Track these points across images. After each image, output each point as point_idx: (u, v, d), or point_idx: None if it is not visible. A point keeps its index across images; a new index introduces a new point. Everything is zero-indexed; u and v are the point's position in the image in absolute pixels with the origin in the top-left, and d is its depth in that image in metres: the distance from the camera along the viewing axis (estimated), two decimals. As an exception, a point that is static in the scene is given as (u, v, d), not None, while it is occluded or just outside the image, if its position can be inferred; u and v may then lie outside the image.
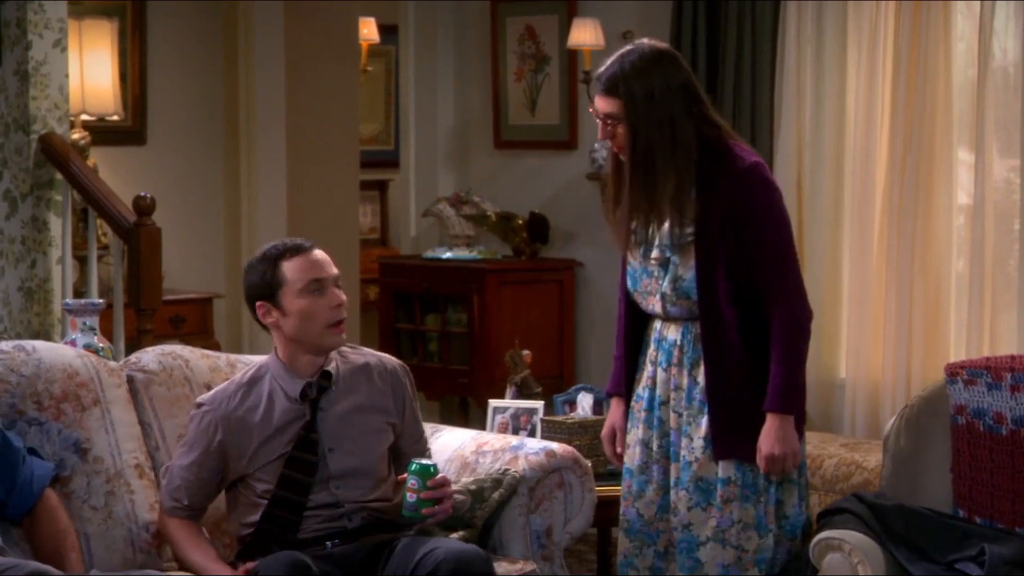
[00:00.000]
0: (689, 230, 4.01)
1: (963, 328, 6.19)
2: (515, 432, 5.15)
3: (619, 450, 4.25)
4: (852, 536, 4.23)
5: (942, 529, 4.28)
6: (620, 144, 4.04)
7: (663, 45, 4.12)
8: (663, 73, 4.01)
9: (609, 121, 4.03)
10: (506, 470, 4.23)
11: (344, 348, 4.14)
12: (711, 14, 6.76)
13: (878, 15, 6.32)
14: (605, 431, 4.30)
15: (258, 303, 3.99)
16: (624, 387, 4.23)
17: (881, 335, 6.34)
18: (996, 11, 6.02)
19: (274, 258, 3.99)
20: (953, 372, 4.42)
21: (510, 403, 5.37)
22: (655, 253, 4.07)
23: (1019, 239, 6.05)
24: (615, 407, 4.26)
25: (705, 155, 4.03)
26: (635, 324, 4.22)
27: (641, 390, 4.16)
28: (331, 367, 4.05)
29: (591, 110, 4.12)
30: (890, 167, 6.30)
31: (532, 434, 5.09)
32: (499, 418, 5.30)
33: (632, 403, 4.20)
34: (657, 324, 4.14)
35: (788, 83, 6.55)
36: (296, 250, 3.99)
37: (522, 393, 5.57)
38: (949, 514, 4.34)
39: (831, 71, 6.50)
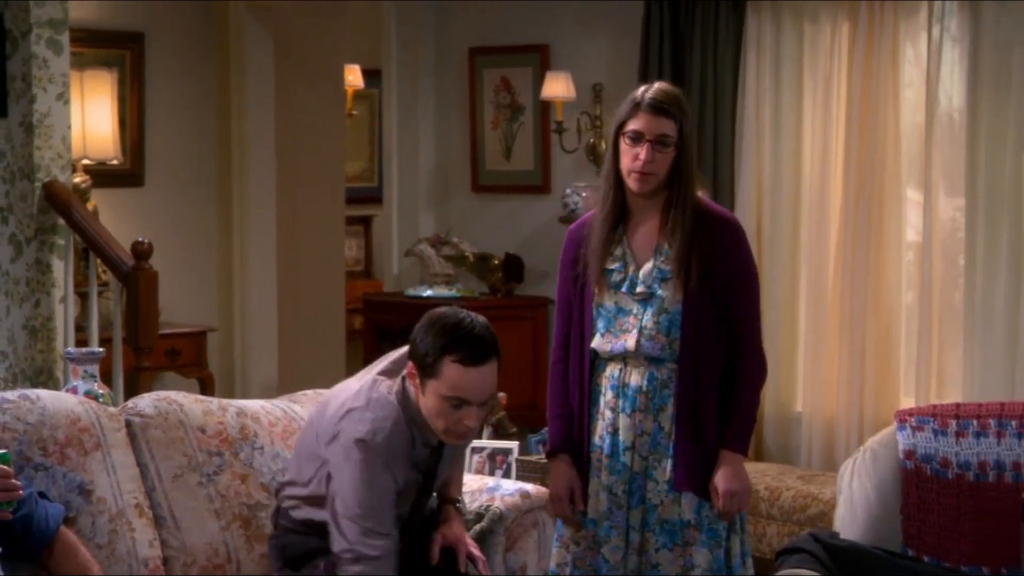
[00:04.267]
0: (674, 266, 3.97)
1: (912, 360, 6.33)
2: (491, 472, 5.26)
3: (579, 507, 4.05)
4: (809, 575, 4.25)
5: (893, 568, 4.31)
6: (653, 168, 3.95)
7: None
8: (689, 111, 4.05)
9: (660, 142, 3.95)
10: (488, 505, 4.30)
11: None
12: (676, 69, 6.87)
13: (831, 67, 6.51)
14: (560, 490, 4.05)
15: (411, 362, 3.80)
16: (570, 444, 4.07)
17: (835, 370, 6.48)
18: (943, 60, 6.21)
19: (444, 347, 3.71)
20: (902, 419, 4.49)
21: (487, 443, 5.47)
22: (640, 288, 4.00)
23: (963, 273, 6.21)
24: (565, 466, 4.06)
25: None
26: (575, 381, 4.09)
27: (598, 439, 4.04)
28: None
29: (628, 133, 3.95)
30: (844, 208, 6.46)
31: (507, 474, 5.21)
32: (476, 458, 5.38)
33: (588, 454, 4.05)
34: (615, 371, 4.02)
35: (748, 133, 6.70)
36: (469, 358, 3.71)
37: (498, 434, 5.69)
38: (899, 553, 4.39)
39: (788, 120, 6.66)
